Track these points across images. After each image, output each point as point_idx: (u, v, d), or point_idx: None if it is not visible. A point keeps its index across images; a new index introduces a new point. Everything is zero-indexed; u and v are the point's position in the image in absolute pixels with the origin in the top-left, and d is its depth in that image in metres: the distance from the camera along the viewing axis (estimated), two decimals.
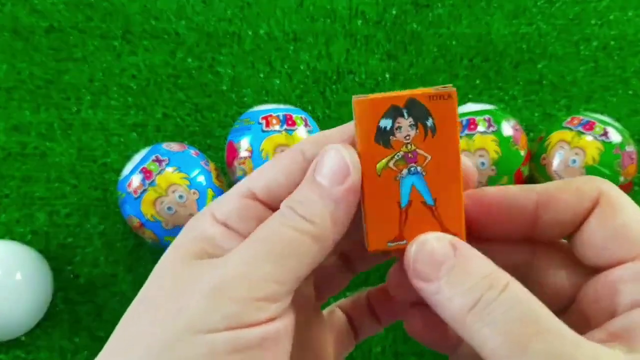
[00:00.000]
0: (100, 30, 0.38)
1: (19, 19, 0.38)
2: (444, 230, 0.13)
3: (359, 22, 0.39)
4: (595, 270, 0.13)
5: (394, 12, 0.39)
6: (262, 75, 0.37)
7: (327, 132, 0.15)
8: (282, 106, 0.32)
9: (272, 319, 0.12)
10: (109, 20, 0.38)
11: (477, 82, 0.38)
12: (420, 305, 0.15)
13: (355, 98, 0.13)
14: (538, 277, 0.14)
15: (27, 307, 0.30)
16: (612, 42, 0.38)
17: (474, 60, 0.38)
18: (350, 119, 0.15)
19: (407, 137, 0.13)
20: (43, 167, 0.35)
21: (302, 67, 0.37)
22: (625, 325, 0.12)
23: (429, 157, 0.13)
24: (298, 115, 0.32)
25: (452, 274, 0.12)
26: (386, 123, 0.13)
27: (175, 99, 0.37)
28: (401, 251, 0.13)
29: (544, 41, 0.38)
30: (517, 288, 0.12)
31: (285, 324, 0.12)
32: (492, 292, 0.12)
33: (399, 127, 0.13)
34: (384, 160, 0.13)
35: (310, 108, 0.37)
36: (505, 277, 0.12)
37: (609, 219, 0.13)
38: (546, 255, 0.15)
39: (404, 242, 0.13)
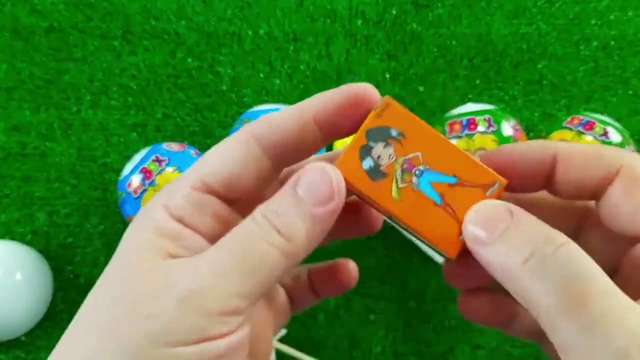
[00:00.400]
0: (100, 30, 0.38)
1: (19, 19, 0.38)
2: (485, 188, 0.14)
3: (359, 22, 0.39)
4: (631, 239, 0.13)
5: (394, 12, 0.39)
6: (262, 75, 0.37)
7: (279, 114, 0.14)
8: (282, 106, 0.32)
9: (234, 331, 0.12)
10: (109, 20, 0.38)
11: (477, 82, 0.38)
12: (475, 292, 0.15)
13: (334, 169, 0.14)
14: (582, 244, 0.14)
15: (27, 307, 0.30)
16: (612, 42, 0.38)
17: (474, 60, 0.38)
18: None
19: (391, 157, 0.14)
20: (43, 167, 0.35)
21: (302, 67, 0.37)
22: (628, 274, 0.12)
23: (419, 153, 0.14)
24: None
25: (508, 232, 0.12)
26: (368, 163, 0.14)
27: (175, 99, 0.37)
28: None
29: (544, 41, 0.38)
30: (573, 246, 0.11)
31: (246, 332, 0.13)
32: (549, 247, 0.11)
33: (379, 157, 0.14)
34: (394, 187, 0.14)
35: None
36: (562, 236, 0.12)
37: (633, 193, 0.12)
38: (590, 224, 0.15)
39: None
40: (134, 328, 0.11)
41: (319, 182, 0.13)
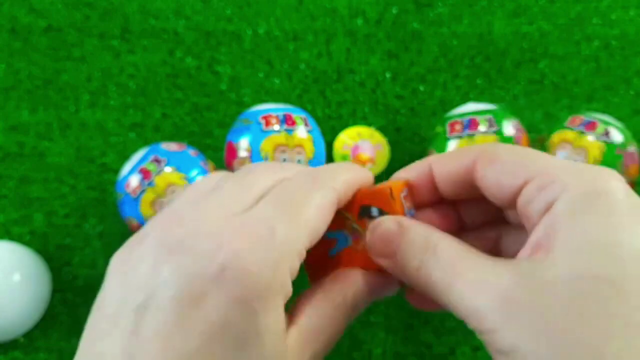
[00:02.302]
0: (98, 30, 0.38)
1: (17, 18, 0.38)
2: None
3: (360, 21, 0.38)
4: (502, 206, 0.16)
5: (394, 11, 0.39)
6: (261, 75, 0.37)
7: (353, 176, 0.17)
8: (281, 106, 0.32)
9: None
10: (108, 19, 0.38)
11: (478, 81, 0.37)
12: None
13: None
14: (482, 183, 0.16)
15: (26, 308, 0.29)
16: (614, 42, 0.38)
17: (475, 59, 0.38)
18: (349, 119, 0.18)
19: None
20: (41, 168, 0.35)
21: (302, 66, 0.37)
22: (537, 237, 0.13)
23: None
24: (298, 115, 0.31)
25: (401, 247, 0.15)
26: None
27: (174, 98, 0.36)
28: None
29: (545, 40, 0.38)
30: (444, 244, 0.14)
31: None
32: (428, 253, 0.14)
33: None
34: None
35: (310, 107, 0.36)
36: (436, 237, 0.15)
37: (490, 165, 0.15)
38: (483, 162, 0.16)
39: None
40: None
41: None
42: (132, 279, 0.13)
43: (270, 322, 0.12)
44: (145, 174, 0.29)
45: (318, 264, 0.16)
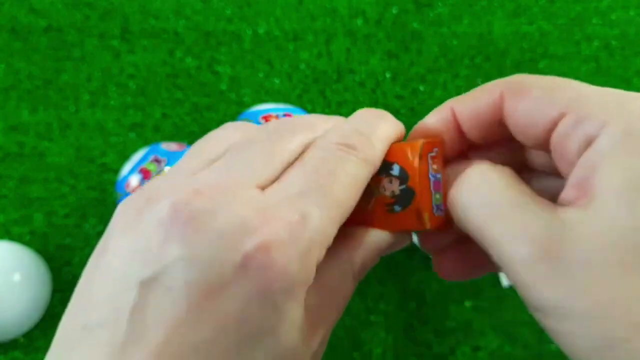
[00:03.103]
0: (98, 30, 0.38)
1: (17, 18, 0.38)
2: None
3: (360, 21, 0.38)
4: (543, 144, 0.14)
5: (394, 11, 0.39)
6: (261, 75, 0.37)
7: (388, 136, 0.15)
8: (281, 106, 0.32)
9: None
10: (108, 19, 0.38)
11: (479, 81, 0.37)
12: (446, 250, 0.16)
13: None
14: (511, 120, 0.14)
15: (26, 308, 0.29)
16: (614, 42, 0.38)
17: (475, 59, 0.38)
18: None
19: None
20: (41, 168, 0.35)
21: (302, 66, 0.37)
22: (579, 176, 0.12)
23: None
24: (298, 115, 0.31)
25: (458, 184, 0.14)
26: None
27: (174, 98, 0.36)
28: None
29: (545, 40, 0.38)
30: (494, 177, 0.13)
31: None
32: (472, 186, 0.13)
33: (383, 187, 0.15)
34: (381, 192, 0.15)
35: (310, 107, 0.36)
36: (485, 168, 0.13)
37: (519, 100, 0.13)
38: (511, 97, 0.15)
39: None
40: None
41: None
42: (139, 246, 0.11)
43: (290, 316, 0.11)
44: (145, 174, 0.29)
45: None
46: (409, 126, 0.15)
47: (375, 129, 0.14)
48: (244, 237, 0.11)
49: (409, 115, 0.36)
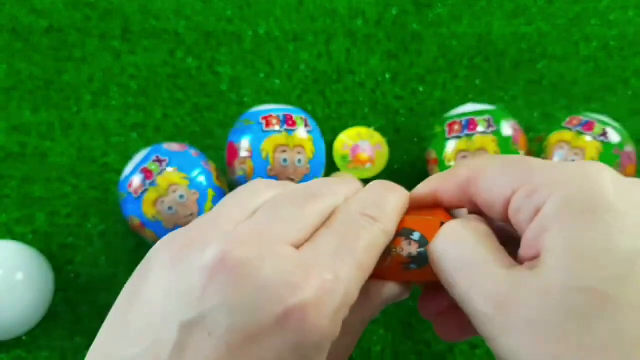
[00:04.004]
0: (99, 30, 0.38)
1: (18, 18, 0.38)
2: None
3: (360, 21, 0.39)
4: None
5: (394, 11, 0.39)
6: (262, 75, 0.37)
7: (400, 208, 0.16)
8: (282, 106, 0.32)
9: None
10: (108, 19, 0.38)
11: (477, 82, 0.38)
12: (445, 313, 0.17)
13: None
14: (478, 200, 0.16)
15: (28, 307, 0.30)
16: (613, 42, 0.39)
17: (474, 60, 0.38)
18: (349, 120, 0.18)
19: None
20: (43, 168, 0.35)
21: (302, 67, 0.37)
22: (527, 241, 0.13)
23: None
24: (298, 115, 0.32)
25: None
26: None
27: (174, 99, 0.37)
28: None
29: (544, 41, 0.38)
30: (466, 234, 0.15)
31: None
32: (449, 240, 0.15)
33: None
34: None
35: (310, 108, 0.37)
36: (460, 225, 0.15)
37: (477, 183, 0.15)
38: (475, 181, 0.16)
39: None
40: None
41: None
42: (181, 287, 0.12)
43: None
44: (147, 173, 0.29)
45: None
46: (408, 126, 0.16)
47: (389, 202, 0.15)
48: (287, 291, 0.12)
49: (408, 115, 0.37)
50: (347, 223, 0.14)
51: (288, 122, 0.31)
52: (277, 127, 0.30)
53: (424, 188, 0.17)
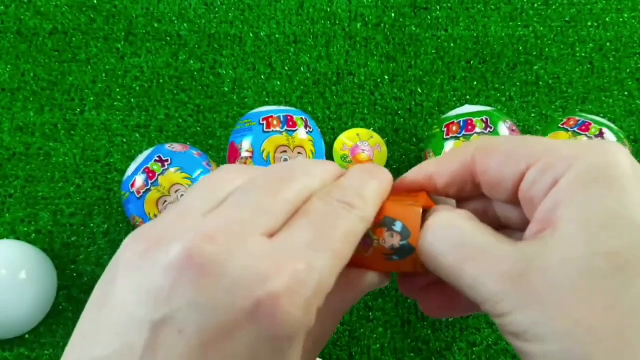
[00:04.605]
0: (103, 33, 0.38)
1: (23, 21, 0.39)
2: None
3: (359, 24, 0.39)
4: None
5: (392, 14, 0.39)
6: (263, 77, 0.38)
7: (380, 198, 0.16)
8: (282, 107, 0.33)
9: None
10: (112, 22, 0.39)
11: (475, 83, 0.38)
12: (430, 286, 0.17)
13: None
14: (482, 179, 0.16)
15: (32, 305, 0.30)
16: (608, 44, 0.39)
17: (472, 62, 0.38)
18: (349, 121, 0.17)
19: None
20: (47, 167, 0.35)
21: (302, 69, 0.38)
22: (542, 212, 0.13)
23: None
24: (298, 117, 0.32)
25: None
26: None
27: (177, 100, 0.37)
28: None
29: (540, 43, 0.39)
30: (458, 224, 0.14)
31: None
32: (442, 233, 0.14)
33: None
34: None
35: (310, 109, 0.37)
36: (453, 216, 0.14)
37: (489, 158, 0.14)
38: (481, 157, 0.16)
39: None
40: None
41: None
42: (149, 287, 0.12)
43: (292, 358, 0.12)
44: (150, 174, 0.29)
45: None
46: (407, 127, 0.16)
47: (370, 188, 0.15)
48: (256, 284, 0.12)
49: (406, 117, 0.37)
50: (325, 211, 0.14)
51: (289, 123, 0.31)
52: (278, 128, 0.31)
53: (417, 174, 0.16)
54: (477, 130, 0.31)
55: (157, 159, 0.30)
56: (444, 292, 0.16)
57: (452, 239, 0.14)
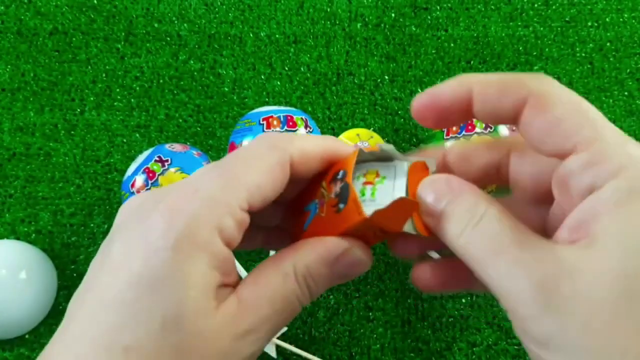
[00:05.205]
0: (103, 33, 0.38)
1: (23, 21, 0.39)
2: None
3: (359, 24, 0.39)
4: (554, 157, 0.14)
5: (392, 14, 0.39)
6: (263, 77, 0.38)
7: (309, 142, 0.15)
8: (282, 107, 0.33)
9: None
10: (112, 22, 0.39)
11: None
12: (425, 261, 0.16)
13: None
14: (516, 173, 0.15)
15: (32, 305, 0.30)
16: (608, 44, 0.39)
17: (472, 62, 0.38)
18: (349, 121, 0.17)
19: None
20: (47, 167, 0.35)
21: (302, 69, 0.38)
22: (579, 219, 0.12)
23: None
24: (298, 117, 0.32)
25: (446, 211, 0.14)
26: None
27: (177, 100, 0.37)
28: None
29: (540, 43, 0.39)
30: (489, 217, 0.13)
31: None
32: (471, 224, 0.13)
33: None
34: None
35: (310, 109, 0.37)
36: (483, 207, 0.14)
37: (539, 115, 0.13)
38: (519, 153, 0.15)
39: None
40: None
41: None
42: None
43: (188, 271, 0.12)
44: (150, 174, 0.30)
45: (298, 240, 0.15)
46: (407, 127, 0.16)
47: (298, 139, 0.15)
48: (153, 209, 0.14)
49: (406, 117, 0.37)
50: (240, 151, 0.15)
51: (289, 123, 0.31)
52: (277, 128, 0.31)
53: (458, 84, 0.15)
54: (477, 130, 0.31)
55: (157, 159, 0.30)
56: (445, 265, 0.16)
57: (486, 230, 0.13)
